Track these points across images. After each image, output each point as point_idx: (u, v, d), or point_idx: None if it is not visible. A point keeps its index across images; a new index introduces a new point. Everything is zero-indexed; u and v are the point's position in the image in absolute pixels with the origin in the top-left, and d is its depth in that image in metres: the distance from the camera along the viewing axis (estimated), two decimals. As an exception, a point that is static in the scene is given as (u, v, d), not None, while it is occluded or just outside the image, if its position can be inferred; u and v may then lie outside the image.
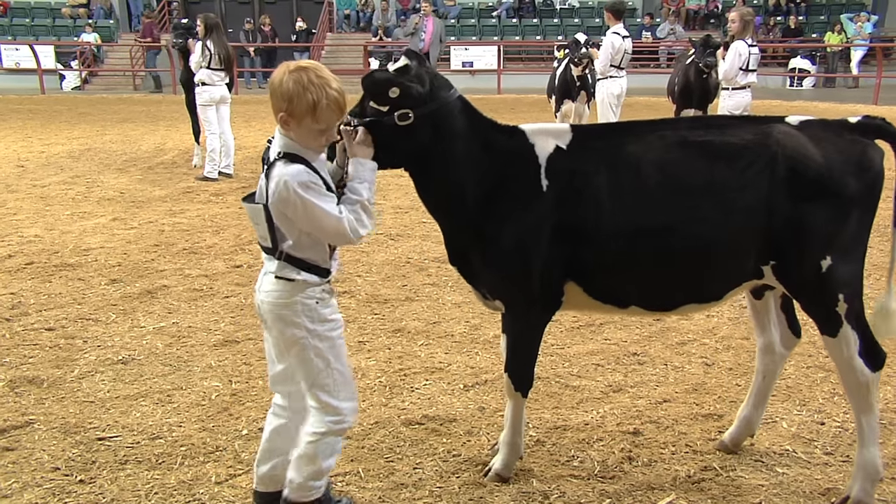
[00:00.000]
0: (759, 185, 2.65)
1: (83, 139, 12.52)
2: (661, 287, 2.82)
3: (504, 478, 3.00)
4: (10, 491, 2.94)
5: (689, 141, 2.75)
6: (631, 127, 2.90)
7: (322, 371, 2.51)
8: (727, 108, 8.23)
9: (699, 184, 2.69)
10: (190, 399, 3.71)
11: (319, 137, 2.42)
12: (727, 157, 2.70)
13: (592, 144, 2.80)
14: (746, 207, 2.65)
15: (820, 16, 24.16)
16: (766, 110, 15.33)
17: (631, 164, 2.72)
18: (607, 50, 9.10)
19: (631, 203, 2.70)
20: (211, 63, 8.98)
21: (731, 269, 2.76)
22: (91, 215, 7.46)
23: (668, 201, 2.69)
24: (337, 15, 25.38)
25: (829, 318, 2.73)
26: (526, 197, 2.73)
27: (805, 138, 2.71)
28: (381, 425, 3.45)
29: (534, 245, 2.70)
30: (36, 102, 18.38)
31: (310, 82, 2.34)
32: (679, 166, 2.71)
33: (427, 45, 15.72)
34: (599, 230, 2.70)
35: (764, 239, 2.67)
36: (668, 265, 2.74)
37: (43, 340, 4.41)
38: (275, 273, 2.46)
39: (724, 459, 3.17)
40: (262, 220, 2.41)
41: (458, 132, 2.70)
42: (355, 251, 6.15)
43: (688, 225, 2.68)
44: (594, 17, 23.63)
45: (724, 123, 2.85)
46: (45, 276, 5.57)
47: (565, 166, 2.73)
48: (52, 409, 3.59)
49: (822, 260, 2.66)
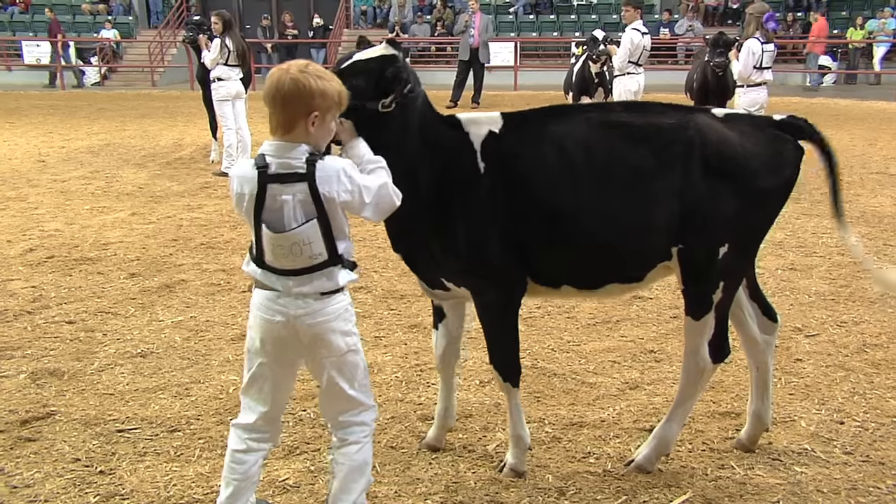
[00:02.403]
0: (674, 168, 2.71)
1: (103, 134, 12.63)
2: (587, 266, 2.87)
3: (519, 472, 3.00)
4: (32, 481, 2.98)
5: (612, 122, 2.80)
6: (560, 110, 2.96)
7: (363, 371, 2.50)
8: (743, 105, 8.18)
9: (618, 164, 2.75)
10: (208, 392, 3.74)
11: (331, 133, 2.39)
12: (646, 139, 2.75)
13: (520, 128, 2.85)
14: (662, 189, 2.71)
15: (841, 11, 23.86)
16: (785, 107, 15.19)
17: (551, 144, 2.77)
18: (626, 46, 9.06)
19: (552, 182, 2.75)
20: (228, 59, 9.04)
21: (649, 250, 2.81)
22: (110, 210, 7.53)
23: (588, 181, 2.74)
24: (354, 11, 25.41)
25: (701, 303, 2.84)
26: (470, 183, 2.76)
27: (726, 129, 2.78)
28: (396, 420, 3.46)
29: (484, 228, 2.73)
30: (56, 98, 18.55)
31: (326, 74, 2.30)
32: (599, 147, 2.77)
33: (477, 41, 16.23)
34: (531, 209, 2.75)
35: (676, 221, 2.73)
36: (588, 243, 2.79)
37: (63, 333, 4.46)
38: (316, 291, 2.35)
39: (740, 457, 3.15)
40: (318, 236, 2.29)
41: (419, 122, 2.72)
42: (371, 247, 6.17)
43: (607, 204, 2.73)
44: (611, 14, 23.51)
45: (648, 108, 2.90)
46: (65, 269, 5.63)
47: (496, 150, 2.78)
48: (72, 401, 3.64)
49: (720, 247, 2.75)
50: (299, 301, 2.35)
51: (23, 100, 17.96)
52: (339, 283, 2.38)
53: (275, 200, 2.27)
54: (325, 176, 2.26)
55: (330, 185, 2.27)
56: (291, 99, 2.24)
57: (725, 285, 2.82)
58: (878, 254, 6.04)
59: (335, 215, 2.32)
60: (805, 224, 6.82)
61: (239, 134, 9.27)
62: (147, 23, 25.39)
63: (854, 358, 4.12)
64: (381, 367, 4.01)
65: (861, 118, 14.25)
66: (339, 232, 2.35)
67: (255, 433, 2.50)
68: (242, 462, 2.48)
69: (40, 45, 22.17)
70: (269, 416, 2.50)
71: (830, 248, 6.18)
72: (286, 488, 2.93)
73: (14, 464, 3.10)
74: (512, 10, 24.83)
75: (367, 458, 2.53)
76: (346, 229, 2.40)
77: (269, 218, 2.29)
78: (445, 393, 3.19)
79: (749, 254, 2.94)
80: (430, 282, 2.94)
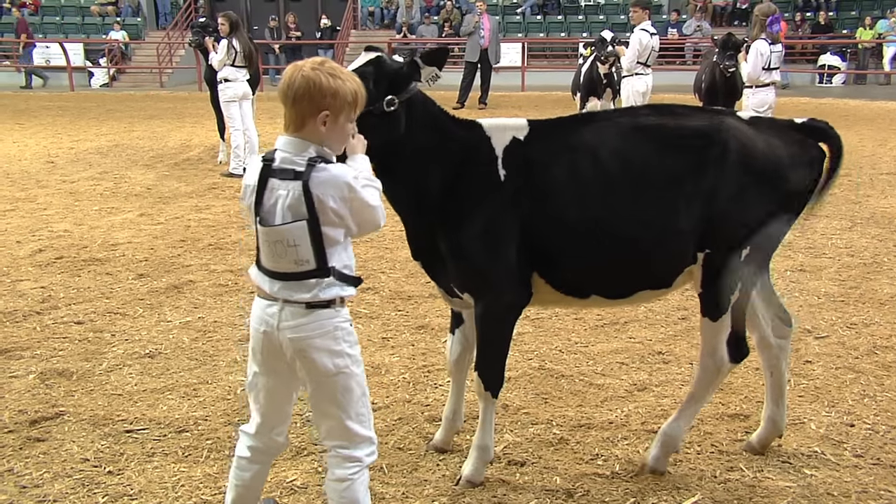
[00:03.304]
0: (707, 171, 2.70)
1: (111, 136, 12.68)
2: (619, 274, 2.84)
3: (475, 483, 2.93)
4: (41, 480, 2.99)
5: (642, 126, 2.79)
6: (589, 117, 2.97)
7: (359, 400, 2.33)
8: (751, 106, 8.17)
9: (652, 169, 2.72)
10: (216, 393, 3.74)
11: (348, 137, 2.32)
12: (681, 142, 2.74)
13: (548, 135, 2.82)
14: (695, 193, 2.70)
15: (851, 11, 23.73)
16: (794, 107, 15.13)
17: (583, 152, 2.75)
18: (635, 47, 9.04)
19: (585, 191, 2.72)
20: (236, 60, 9.07)
21: (679, 254, 2.79)
22: (119, 211, 7.56)
23: (621, 188, 2.72)
24: (361, 12, 25.43)
25: (718, 304, 2.83)
26: (486, 189, 2.73)
27: (754, 132, 2.78)
28: (404, 421, 3.45)
29: (497, 236, 2.70)
30: (65, 99, 18.64)
31: (342, 73, 2.23)
32: (632, 153, 2.74)
33: (487, 42, 16.19)
34: (557, 219, 2.72)
35: (705, 225, 2.72)
36: (622, 252, 2.77)
37: (72, 334, 4.48)
38: (306, 301, 2.23)
39: (750, 460, 3.14)
40: (306, 240, 2.19)
41: (424, 123, 2.70)
42: (379, 248, 6.17)
43: (642, 211, 2.71)
44: (619, 14, 23.44)
45: (676, 111, 2.88)
46: (74, 270, 5.66)
47: (521, 157, 2.74)
48: (81, 402, 3.65)
49: (743, 249, 2.75)
50: (286, 312, 2.24)
51: (32, 101, 18.04)
52: (329, 297, 2.23)
53: (272, 194, 2.22)
54: (322, 179, 2.17)
55: (325, 189, 2.17)
56: (302, 96, 2.19)
57: (743, 286, 2.83)
58: (888, 255, 6.00)
59: (329, 222, 2.20)
60: (814, 225, 6.78)
61: (246, 135, 9.30)
62: (155, 24, 25.47)
63: (864, 360, 4.09)
64: (389, 369, 4.00)
65: (871, 119, 14.17)
66: (331, 242, 2.22)
67: (257, 442, 2.44)
68: (245, 469, 2.44)
69: (49, 47, 22.28)
70: (264, 426, 2.41)
71: (840, 249, 6.15)
72: (294, 489, 2.93)
73: (23, 464, 3.11)
74: (519, 10, 24.80)
75: (358, 499, 2.33)
76: (343, 241, 2.27)
77: (264, 212, 2.25)
78: (455, 396, 3.18)
79: (767, 256, 2.94)
80: (446, 289, 2.91)
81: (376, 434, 2.42)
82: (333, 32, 23.61)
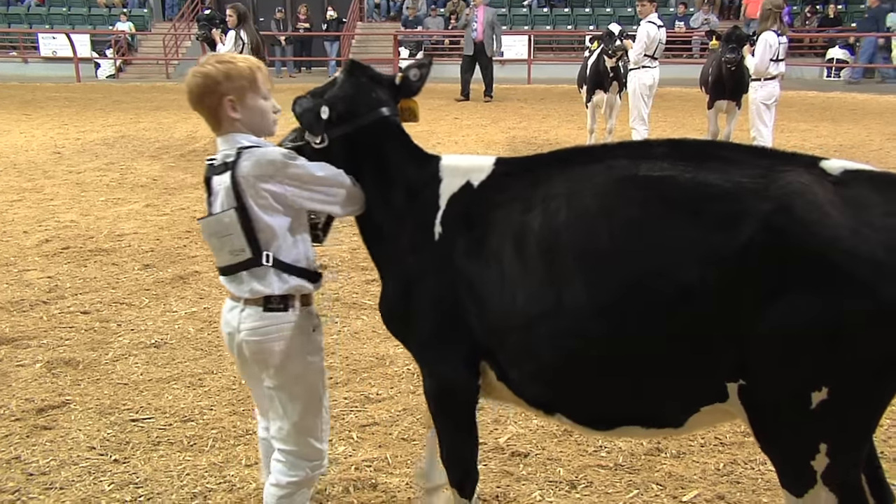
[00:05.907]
0: (732, 258, 1.75)
1: (117, 126, 12.71)
2: (587, 396, 2.04)
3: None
4: (48, 468, 3.02)
5: (643, 178, 1.90)
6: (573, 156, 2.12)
7: (312, 410, 2.27)
8: (759, 100, 8.12)
9: (643, 246, 1.85)
10: (221, 383, 3.76)
11: (268, 113, 2.24)
12: (692, 208, 1.82)
13: (508, 183, 2.14)
14: (711, 289, 1.77)
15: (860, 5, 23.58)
16: (802, 101, 15.06)
17: (544, 212, 1.98)
18: (642, 40, 9.00)
19: (530, 269, 1.98)
20: (243, 51, 9.07)
21: (687, 384, 1.90)
22: (125, 201, 7.59)
23: (585, 270, 1.90)
24: (367, 4, 25.38)
25: (798, 474, 1.85)
26: (419, 244, 2.20)
27: (835, 200, 1.75)
28: (408, 412, 3.47)
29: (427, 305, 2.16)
30: (72, 90, 18.68)
31: (231, 57, 2.21)
32: (616, 217, 1.89)
33: (480, 35, 15.82)
34: (500, 299, 2.02)
35: (735, 342, 1.79)
36: (593, 364, 1.94)
37: (78, 323, 4.50)
38: (261, 305, 2.17)
39: (753, 453, 3.14)
40: (237, 228, 2.11)
41: (366, 158, 2.28)
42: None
43: (622, 307, 1.86)
44: (626, 7, 23.34)
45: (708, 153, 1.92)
46: (80, 260, 5.68)
47: (463, 211, 2.16)
48: (87, 391, 3.67)
49: (813, 391, 1.75)
50: (245, 313, 2.19)
51: (39, 91, 18.08)
52: (274, 290, 2.15)
53: (215, 192, 2.19)
54: (247, 163, 2.11)
55: (251, 171, 2.10)
56: (202, 94, 2.18)
57: (830, 448, 1.79)
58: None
59: (268, 206, 2.12)
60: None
61: (252, 126, 9.31)
62: (162, 15, 25.47)
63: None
64: (393, 360, 4.02)
65: (879, 113, 14.09)
66: (265, 228, 2.13)
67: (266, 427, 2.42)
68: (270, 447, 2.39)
69: (56, 38, 22.32)
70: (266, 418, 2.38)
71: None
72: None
73: (30, 451, 3.14)
74: (526, 2, 24.71)
75: None
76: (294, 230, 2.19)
77: (212, 210, 2.21)
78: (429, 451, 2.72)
79: (864, 403, 1.79)
80: None
81: (380, 424, 2.41)
82: (339, 24, 23.57)
